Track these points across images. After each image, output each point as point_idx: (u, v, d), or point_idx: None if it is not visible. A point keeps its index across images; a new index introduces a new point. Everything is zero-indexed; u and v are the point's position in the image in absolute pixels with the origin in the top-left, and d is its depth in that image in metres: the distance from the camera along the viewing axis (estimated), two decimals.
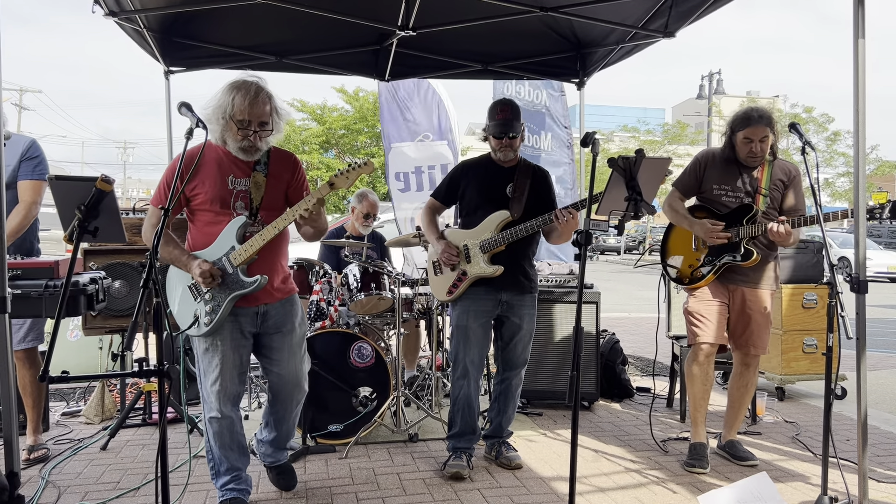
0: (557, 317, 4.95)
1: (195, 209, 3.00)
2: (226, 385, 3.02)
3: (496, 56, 5.76)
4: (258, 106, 2.85)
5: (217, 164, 2.96)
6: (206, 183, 2.93)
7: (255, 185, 3.00)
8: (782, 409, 5.03)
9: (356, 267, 4.53)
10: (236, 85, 2.87)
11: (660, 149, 34.09)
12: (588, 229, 2.48)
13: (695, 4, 4.39)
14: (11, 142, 3.67)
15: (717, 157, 3.89)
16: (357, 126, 25.86)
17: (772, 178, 3.77)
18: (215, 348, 2.99)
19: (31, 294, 3.14)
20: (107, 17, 4.18)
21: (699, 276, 3.82)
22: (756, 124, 3.66)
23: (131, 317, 4.58)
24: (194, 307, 2.98)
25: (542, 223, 3.54)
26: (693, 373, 3.85)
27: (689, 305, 3.88)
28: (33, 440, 3.84)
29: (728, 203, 3.81)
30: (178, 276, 3.06)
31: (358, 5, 4.61)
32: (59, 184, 2.31)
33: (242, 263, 2.93)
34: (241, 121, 2.85)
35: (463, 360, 3.67)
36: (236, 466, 3.15)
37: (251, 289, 2.95)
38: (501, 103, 3.71)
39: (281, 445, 3.41)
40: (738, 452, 3.92)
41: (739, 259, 3.71)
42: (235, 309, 2.99)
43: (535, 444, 4.18)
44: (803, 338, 5.30)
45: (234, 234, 2.93)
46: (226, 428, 3.08)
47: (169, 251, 2.95)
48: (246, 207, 2.98)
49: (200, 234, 3.01)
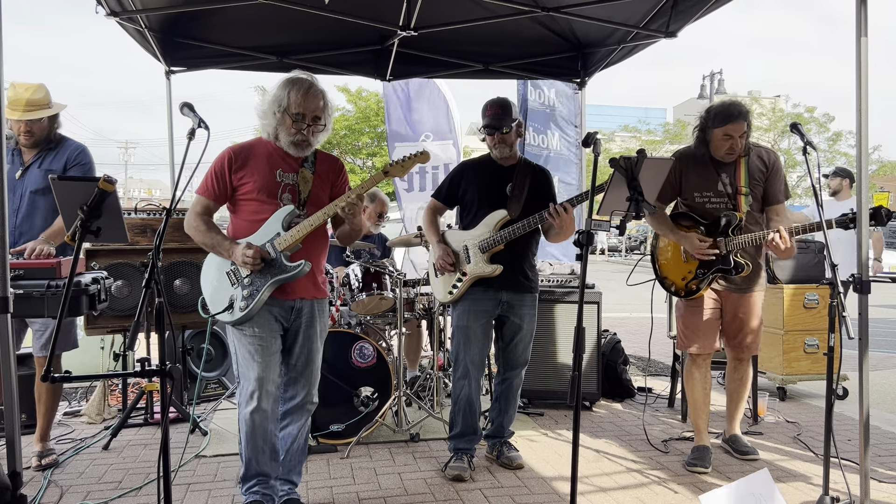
0: (559, 317, 4.95)
1: (240, 199, 2.99)
2: (267, 373, 2.92)
3: (497, 56, 5.76)
4: (313, 100, 2.89)
5: (267, 158, 2.98)
6: (254, 174, 2.94)
7: (303, 179, 3.01)
8: (784, 409, 5.02)
9: (358, 267, 4.53)
10: (292, 80, 2.91)
11: (661, 148, 34.07)
12: (590, 229, 2.48)
13: (696, 4, 4.39)
14: (63, 146, 3.72)
15: (690, 158, 3.77)
16: (359, 126, 25.84)
17: (750, 172, 3.69)
18: (254, 336, 2.91)
19: (34, 294, 3.15)
20: (108, 17, 4.18)
21: (693, 288, 3.77)
22: (737, 120, 3.56)
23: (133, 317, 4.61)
24: (230, 292, 2.94)
25: (538, 220, 3.53)
26: (693, 377, 3.87)
27: (682, 315, 3.87)
28: (41, 447, 3.80)
29: (712, 210, 3.71)
30: (215, 263, 3.03)
31: (359, 5, 4.62)
32: (62, 184, 2.32)
33: (287, 249, 2.90)
34: (296, 114, 2.88)
35: (464, 361, 3.67)
36: (264, 471, 3.01)
37: (293, 273, 2.90)
38: (491, 101, 3.72)
39: (288, 472, 3.16)
40: (741, 447, 3.93)
41: (732, 273, 3.66)
42: (271, 300, 2.92)
43: (536, 444, 4.18)
44: (805, 338, 5.30)
45: (281, 222, 2.91)
46: (260, 425, 2.94)
47: (211, 237, 2.94)
48: (293, 200, 2.98)
49: (244, 223, 2.99)
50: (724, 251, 3.62)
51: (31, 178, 3.67)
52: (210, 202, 2.98)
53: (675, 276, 3.86)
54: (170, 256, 4.63)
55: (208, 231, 2.95)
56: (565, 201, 3.47)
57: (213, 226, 2.98)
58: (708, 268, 3.70)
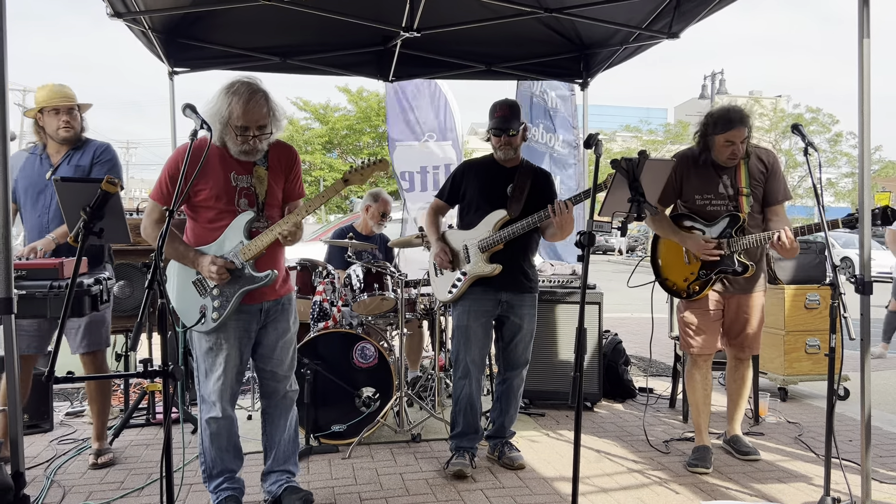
0: (560, 317, 4.95)
1: (197, 205, 2.97)
2: (229, 384, 3.00)
3: (500, 57, 5.76)
4: (255, 111, 2.81)
5: (220, 161, 2.93)
6: (209, 180, 2.90)
7: (258, 179, 2.98)
8: (785, 409, 5.03)
9: (359, 267, 4.53)
10: (233, 89, 2.82)
11: (662, 149, 34.07)
12: (591, 230, 2.48)
13: (699, 5, 4.38)
14: (88, 146, 3.77)
15: (691, 161, 3.77)
16: (360, 126, 25.87)
17: (751, 173, 3.70)
18: (219, 347, 2.96)
19: (36, 294, 3.16)
20: (112, 17, 4.19)
21: (695, 290, 3.76)
22: (738, 126, 3.55)
23: (135, 317, 4.63)
24: (200, 302, 2.96)
25: (538, 219, 3.54)
26: (694, 378, 3.87)
27: (684, 315, 3.86)
28: (98, 445, 3.85)
29: (713, 213, 3.71)
30: (179, 271, 3.01)
31: (362, 7, 4.62)
32: (65, 185, 2.32)
33: (251, 259, 2.92)
34: (238, 126, 2.82)
35: (464, 360, 3.68)
36: (230, 468, 3.12)
37: (262, 283, 2.94)
38: (501, 103, 3.73)
39: (284, 463, 3.25)
40: (742, 447, 3.94)
41: (736, 274, 3.66)
42: (241, 306, 2.96)
43: (537, 445, 4.18)
44: (806, 338, 5.30)
45: (242, 230, 2.91)
46: (224, 428, 3.04)
47: (174, 248, 2.92)
48: (251, 204, 2.96)
49: (203, 231, 2.98)
50: (727, 252, 3.62)
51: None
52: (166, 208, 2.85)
53: (677, 277, 3.86)
54: None
55: (171, 242, 2.90)
56: (567, 199, 3.48)
57: (175, 236, 2.93)
58: (711, 269, 3.69)
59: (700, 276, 3.74)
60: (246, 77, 2.90)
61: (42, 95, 3.68)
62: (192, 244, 2.99)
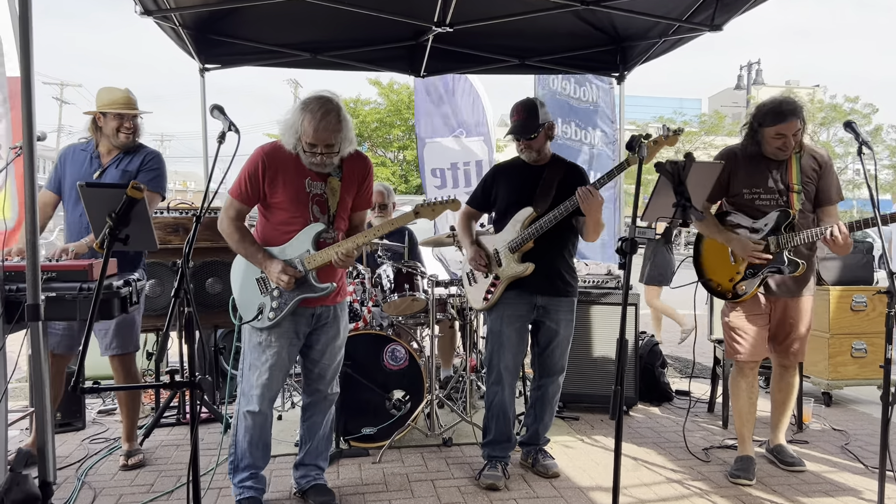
0: (595, 318, 4.82)
1: (272, 206, 3.05)
2: (272, 383, 3.09)
3: (534, 50, 5.63)
4: (324, 132, 2.86)
5: (295, 165, 3.00)
6: (285, 183, 2.98)
7: (331, 190, 3.06)
8: (829, 415, 4.84)
9: (389, 267, 4.46)
10: (308, 107, 2.86)
11: (696, 140, 33.45)
12: (633, 237, 2.36)
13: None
14: (139, 151, 3.77)
15: (740, 154, 3.60)
16: (390, 119, 25.79)
17: (802, 170, 3.52)
18: (269, 345, 3.05)
19: (66, 297, 3.13)
20: (143, 15, 4.15)
21: (742, 290, 3.58)
22: (790, 119, 3.38)
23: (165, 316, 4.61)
24: (260, 300, 3.05)
25: (564, 210, 3.39)
26: (739, 386, 3.71)
27: (729, 320, 3.68)
28: (128, 446, 3.86)
29: (762, 207, 3.54)
30: (246, 266, 3.10)
31: (394, 2, 4.52)
32: (90, 191, 2.27)
33: (314, 268, 3.01)
34: (308, 143, 2.88)
35: (497, 366, 3.58)
36: (257, 465, 3.20)
37: (321, 294, 3.06)
38: (517, 105, 3.59)
39: (316, 458, 3.35)
40: (786, 458, 3.78)
41: (786, 272, 3.47)
42: (297, 309, 3.05)
43: (572, 451, 4.07)
44: (852, 342, 5.10)
45: (311, 239, 3.01)
46: (259, 425, 3.13)
47: (245, 247, 3.03)
48: (323, 212, 3.05)
49: (274, 232, 3.07)
50: (775, 250, 3.45)
51: (108, 178, 3.71)
52: (243, 206, 3.04)
53: (722, 277, 3.68)
54: (201, 255, 4.61)
55: (242, 241, 3.03)
56: (591, 184, 3.34)
57: (247, 234, 3.06)
58: (758, 268, 3.52)
59: (747, 275, 3.56)
60: (323, 94, 2.93)
61: (108, 98, 3.67)
62: (261, 241, 3.09)
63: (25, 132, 2.50)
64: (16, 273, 2.98)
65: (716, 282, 3.72)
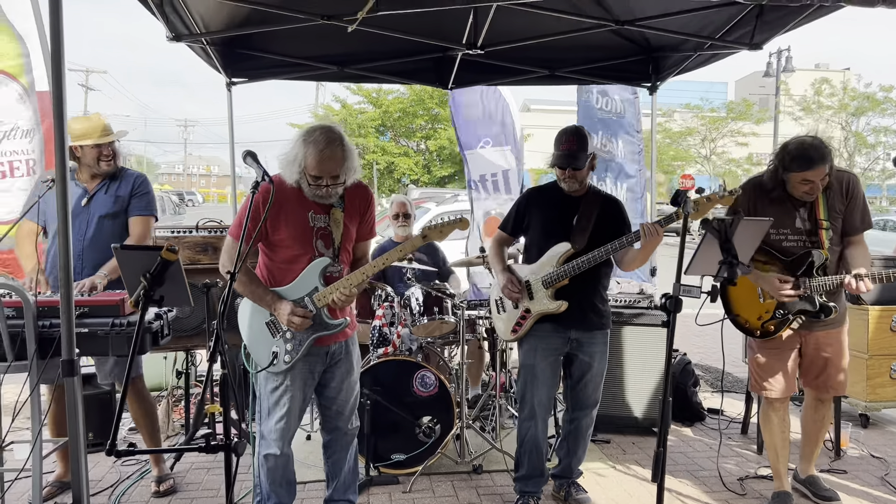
0: (627, 339, 4.74)
1: (275, 244, 2.98)
2: (290, 425, 3.04)
3: (564, 61, 5.52)
4: (328, 163, 2.80)
5: (297, 200, 2.94)
6: (288, 220, 2.92)
7: (335, 222, 2.99)
8: (868, 440, 4.74)
9: (418, 290, 4.42)
10: (310, 138, 2.80)
11: (724, 128, 32.91)
12: (678, 295, 2.29)
13: (786, 16, 3.99)
14: (125, 175, 3.78)
15: (765, 193, 3.45)
16: (413, 109, 25.69)
17: (830, 205, 3.37)
18: (285, 390, 2.99)
19: (98, 333, 3.13)
20: (171, 41, 4.11)
21: (770, 329, 3.46)
22: (817, 166, 3.21)
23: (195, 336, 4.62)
24: (272, 344, 2.98)
25: (605, 252, 3.31)
26: (770, 421, 3.62)
27: (756, 357, 3.57)
28: (158, 471, 3.88)
29: (791, 249, 3.41)
30: (252, 310, 3.02)
31: (422, 24, 4.43)
32: (125, 253, 2.25)
33: (325, 305, 2.94)
34: (312, 176, 2.83)
35: (530, 402, 3.52)
36: (283, 502, 3.18)
37: (335, 331, 3.01)
38: (568, 133, 3.48)
39: (345, 493, 3.32)
40: (821, 491, 3.70)
41: (819, 317, 3.35)
42: (311, 349, 2.99)
43: (604, 480, 4.02)
44: (891, 363, 4.97)
45: (318, 275, 2.93)
46: (281, 466, 3.09)
47: (252, 290, 2.94)
48: (327, 246, 2.99)
49: (279, 270, 3.00)
50: (805, 293, 3.34)
51: (98, 204, 3.71)
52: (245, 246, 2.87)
53: (750, 314, 3.55)
54: None
55: (249, 283, 2.94)
56: (656, 221, 3.24)
57: (253, 277, 2.98)
58: (789, 308, 3.41)
59: (776, 315, 3.45)
60: (324, 126, 2.86)
61: (81, 129, 3.62)
62: (266, 281, 3.02)
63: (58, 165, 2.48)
64: (48, 308, 2.99)
65: (744, 318, 3.59)
